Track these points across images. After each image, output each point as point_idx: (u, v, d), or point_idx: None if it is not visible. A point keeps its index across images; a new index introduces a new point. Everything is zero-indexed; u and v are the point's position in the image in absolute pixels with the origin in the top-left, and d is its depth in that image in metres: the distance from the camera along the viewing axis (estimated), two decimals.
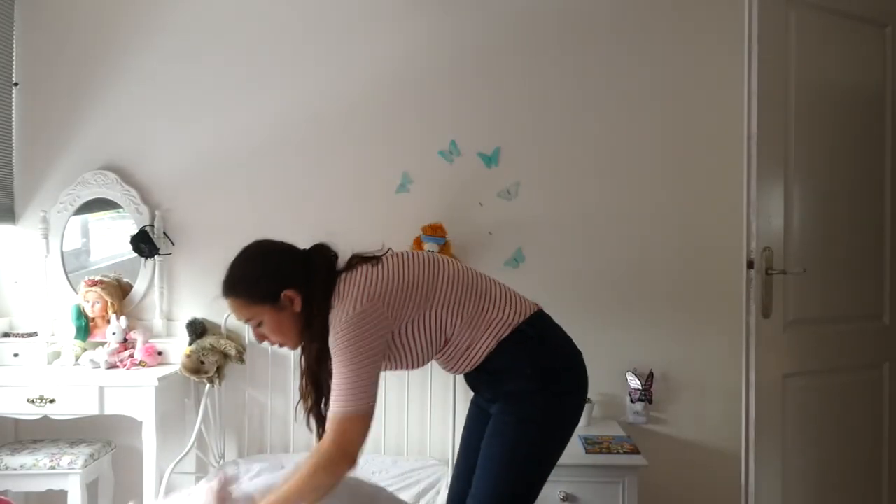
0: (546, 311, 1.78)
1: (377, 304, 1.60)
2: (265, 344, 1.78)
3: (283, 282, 1.65)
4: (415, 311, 1.65)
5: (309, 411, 1.72)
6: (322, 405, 1.71)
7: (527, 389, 1.65)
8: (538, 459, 1.67)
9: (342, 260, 1.73)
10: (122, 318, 2.77)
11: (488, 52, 2.83)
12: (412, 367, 1.73)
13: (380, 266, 1.67)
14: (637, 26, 2.81)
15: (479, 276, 1.75)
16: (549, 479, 2.15)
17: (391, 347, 1.67)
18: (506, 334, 1.66)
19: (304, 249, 1.73)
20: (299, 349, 1.75)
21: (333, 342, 1.59)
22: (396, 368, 1.74)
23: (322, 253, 1.71)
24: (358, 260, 1.70)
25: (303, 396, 1.73)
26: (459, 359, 1.71)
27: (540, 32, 2.83)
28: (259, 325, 1.69)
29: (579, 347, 1.76)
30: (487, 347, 1.66)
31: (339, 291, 1.62)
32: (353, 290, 1.61)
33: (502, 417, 1.67)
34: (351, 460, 1.56)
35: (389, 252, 1.73)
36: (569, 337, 1.76)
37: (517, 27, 2.82)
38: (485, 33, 2.83)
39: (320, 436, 1.70)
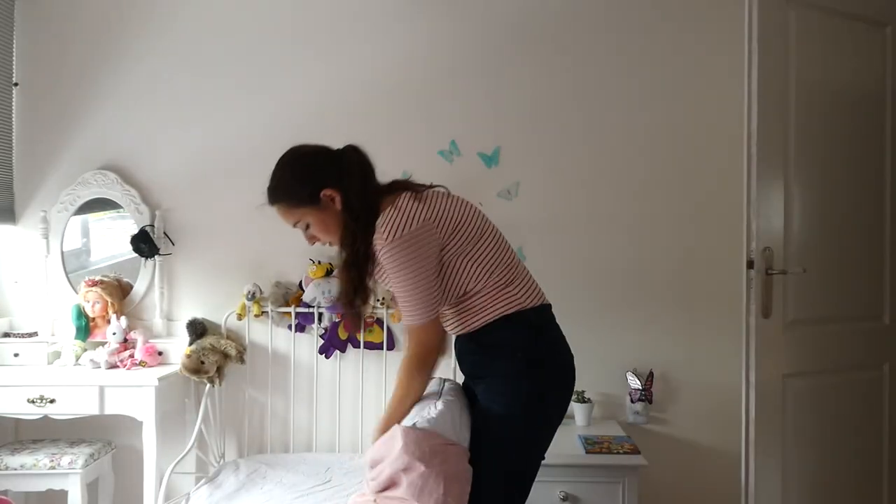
0: None
1: (430, 225, 1.64)
2: (315, 247, 1.84)
3: (319, 182, 1.71)
4: (453, 251, 1.68)
5: (348, 305, 1.74)
6: (359, 301, 1.72)
7: (512, 374, 1.68)
8: (525, 451, 1.70)
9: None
10: (123, 318, 2.77)
11: (488, 52, 2.83)
12: None
13: (426, 201, 1.68)
14: (637, 26, 2.81)
15: (513, 251, 1.79)
16: (549, 479, 2.17)
17: None
18: (510, 312, 1.69)
19: (337, 149, 1.78)
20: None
21: (388, 262, 1.62)
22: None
23: (355, 151, 1.77)
24: (401, 187, 1.74)
25: (343, 290, 1.73)
26: (465, 319, 1.73)
27: (540, 33, 2.83)
28: (307, 227, 1.76)
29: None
30: (491, 317, 1.70)
31: (387, 215, 1.64)
32: (400, 215, 1.62)
33: (488, 405, 1.70)
34: (435, 353, 1.70)
35: (440, 189, 1.77)
36: (564, 337, 1.79)
37: (517, 27, 2.82)
38: (485, 33, 2.83)
39: (357, 329, 1.85)
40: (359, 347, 2.80)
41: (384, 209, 1.66)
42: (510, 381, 1.68)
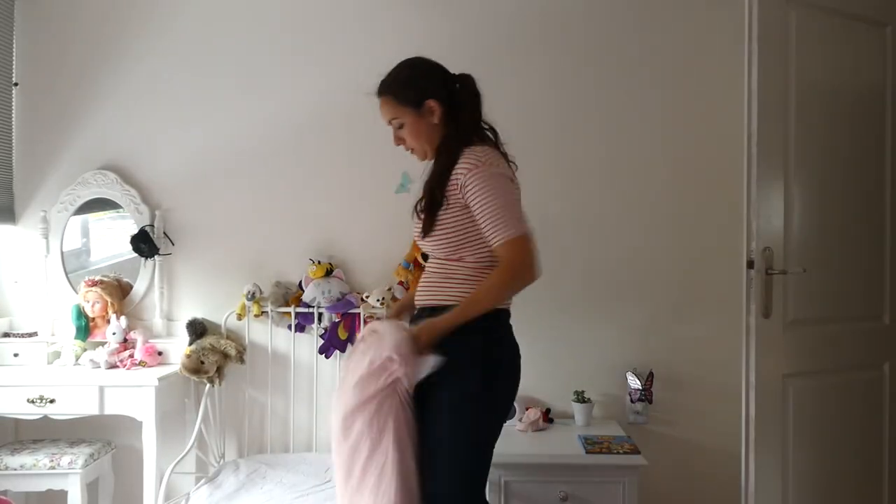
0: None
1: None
2: (401, 148, 1.94)
3: (428, 91, 1.85)
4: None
5: (422, 210, 1.83)
6: (430, 209, 1.81)
7: (467, 363, 1.70)
8: (478, 436, 1.74)
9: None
10: (122, 318, 2.77)
11: (488, 50, 2.82)
12: (434, 238, 1.81)
13: (509, 167, 1.87)
14: (635, 26, 2.81)
15: None
16: (549, 478, 2.17)
17: (460, 208, 1.76)
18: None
19: (455, 74, 1.92)
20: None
21: (476, 182, 1.72)
22: (428, 227, 1.81)
23: (470, 80, 1.91)
24: (495, 141, 1.91)
25: (424, 195, 1.83)
26: (443, 285, 1.80)
27: (538, 33, 2.82)
28: (400, 127, 1.88)
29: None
30: (461, 298, 1.75)
31: (478, 149, 1.78)
32: (488, 155, 1.78)
33: (443, 393, 1.71)
34: (532, 272, 1.71)
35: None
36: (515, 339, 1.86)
37: (516, 26, 2.82)
38: (483, 32, 2.83)
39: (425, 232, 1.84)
40: None
41: (474, 144, 1.80)
42: (464, 370, 1.70)
